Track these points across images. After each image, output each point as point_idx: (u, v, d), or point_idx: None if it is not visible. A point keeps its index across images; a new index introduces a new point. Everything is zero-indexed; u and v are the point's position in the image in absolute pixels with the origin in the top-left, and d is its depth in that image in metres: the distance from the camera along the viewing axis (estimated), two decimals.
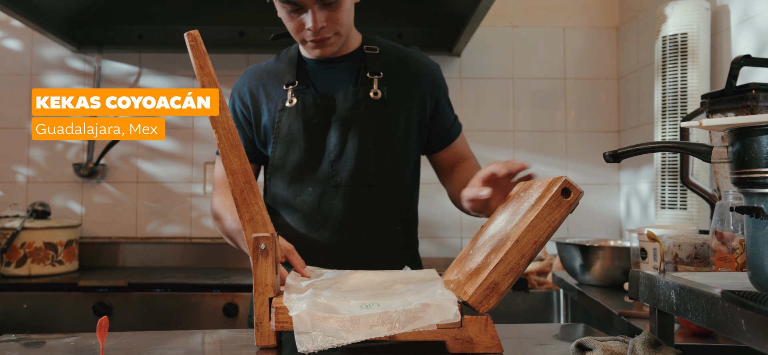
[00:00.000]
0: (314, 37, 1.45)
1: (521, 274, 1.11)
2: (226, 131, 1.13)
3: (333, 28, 1.45)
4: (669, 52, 2.10)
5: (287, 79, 1.55)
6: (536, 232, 1.01)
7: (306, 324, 0.96)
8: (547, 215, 1.01)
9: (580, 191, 1.02)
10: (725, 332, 0.77)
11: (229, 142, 1.12)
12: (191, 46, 1.11)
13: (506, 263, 1.01)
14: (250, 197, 1.10)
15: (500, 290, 1.03)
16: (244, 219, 1.09)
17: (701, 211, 2.00)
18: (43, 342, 1.13)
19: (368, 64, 1.55)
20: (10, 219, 2.53)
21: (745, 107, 1.42)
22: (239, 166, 1.11)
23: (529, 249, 1.01)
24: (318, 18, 1.41)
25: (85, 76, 2.90)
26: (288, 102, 1.51)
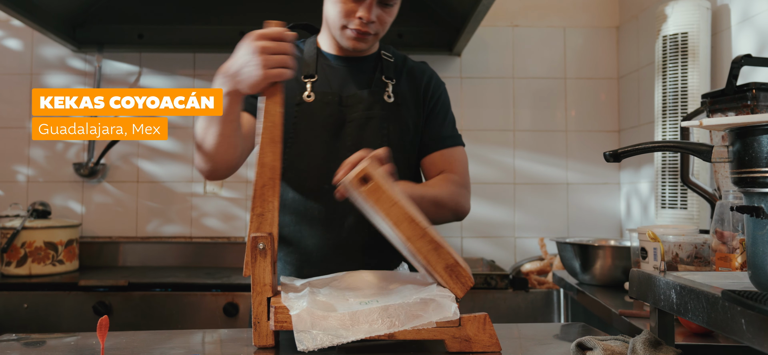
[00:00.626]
0: (360, 28, 1.46)
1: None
2: (271, 125, 1.14)
3: (377, 28, 1.48)
4: (669, 52, 2.10)
5: (306, 70, 1.54)
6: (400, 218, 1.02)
7: (306, 323, 0.96)
8: (385, 206, 1.01)
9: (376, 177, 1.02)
10: (725, 331, 0.77)
11: (271, 135, 1.13)
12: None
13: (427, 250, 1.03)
14: (270, 194, 1.10)
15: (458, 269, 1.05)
16: (254, 212, 1.09)
17: (701, 210, 2.00)
18: (43, 342, 1.13)
19: (384, 68, 1.58)
20: (11, 219, 2.53)
21: (746, 107, 1.42)
22: (271, 161, 1.12)
23: (414, 228, 1.03)
24: (373, 12, 1.45)
25: (86, 76, 2.90)
26: (306, 96, 1.50)
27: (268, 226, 1.09)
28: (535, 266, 2.60)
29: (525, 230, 2.90)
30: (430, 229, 1.04)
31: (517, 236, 2.90)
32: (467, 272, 1.04)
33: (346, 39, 1.51)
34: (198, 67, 2.92)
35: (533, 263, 2.63)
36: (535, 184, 2.91)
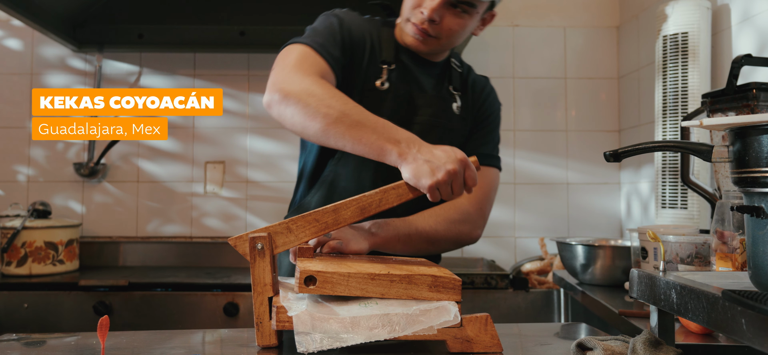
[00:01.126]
0: (420, 23, 1.37)
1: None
2: (377, 203, 1.12)
3: (439, 31, 1.37)
4: (670, 52, 2.10)
5: (385, 55, 1.43)
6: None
7: (306, 324, 0.96)
8: (341, 289, 1.01)
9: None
10: (726, 331, 0.77)
11: (366, 207, 1.11)
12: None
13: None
14: (312, 229, 1.10)
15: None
16: (285, 223, 1.08)
17: (702, 210, 2.00)
18: (43, 341, 1.13)
19: (452, 78, 1.51)
20: (11, 218, 2.53)
21: (746, 107, 1.42)
22: (343, 218, 1.11)
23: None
24: (437, 11, 1.33)
25: (86, 76, 2.90)
26: (381, 83, 1.40)
27: (281, 241, 1.08)
28: (536, 265, 2.60)
29: (525, 230, 2.90)
30: (394, 269, 1.03)
31: (518, 235, 2.90)
32: (449, 274, 1.04)
33: (407, 32, 1.42)
34: (198, 66, 2.92)
35: (533, 262, 2.63)
36: (535, 184, 2.91)
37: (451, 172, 1.10)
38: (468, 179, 1.13)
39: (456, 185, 1.12)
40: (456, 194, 1.13)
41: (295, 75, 1.25)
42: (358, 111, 1.19)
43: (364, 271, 1.01)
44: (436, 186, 1.10)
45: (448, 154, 1.13)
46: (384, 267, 1.05)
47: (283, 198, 2.91)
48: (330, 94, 1.20)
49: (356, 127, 1.16)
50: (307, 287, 0.99)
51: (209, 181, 2.89)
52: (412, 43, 1.42)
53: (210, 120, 2.91)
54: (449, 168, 1.10)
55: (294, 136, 2.92)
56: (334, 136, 1.18)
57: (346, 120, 1.17)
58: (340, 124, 1.17)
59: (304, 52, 1.32)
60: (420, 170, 1.11)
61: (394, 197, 1.14)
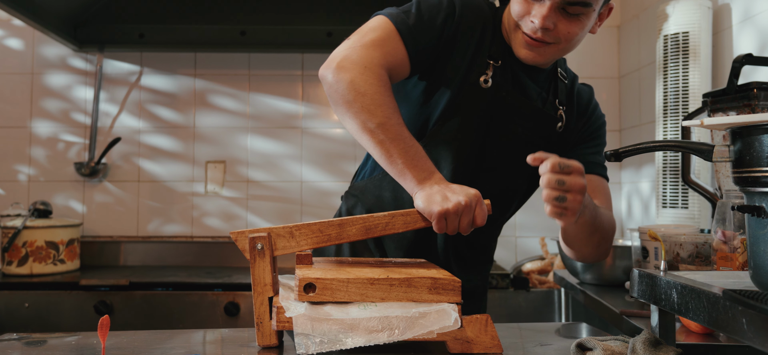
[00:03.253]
0: (532, 34, 1.22)
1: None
2: (382, 226, 1.12)
3: (556, 37, 1.22)
4: (670, 51, 2.09)
5: (493, 50, 1.29)
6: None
7: (306, 326, 0.96)
8: (342, 294, 1.01)
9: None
10: (727, 331, 0.77)
11: (371, 228, 1.11)
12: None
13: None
14: (315, 239, 1.10)
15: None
16: (288, 227, 1.09)
17: (703, 210, 2.00)
18: (44, 341, 1.13)
19: (558, 90, 1.37)
20: (12, 218, 2.53)
21: (747, 106, 1.42)
22: (347, 235, 1.11)
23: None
24: (549, 18, 1.19)
25: (87, 76, 2.90)
26: (484, 81, 1.27)
27: (282, 245, 1.08)
28: (536, 265, 2.60)
29: (526, 230, 2.90)
30: (393, 273, 1.03)
31: (518, 235, 2.90)
32: (448, 276, 1.03)
33: (517, 45, 1.27)
34: (199, 66, 2.93)
35: (534, 262, 2.63)
36: None
37: (462, 204, 1.08)
38: (477, 216, 1.10)
39: (465, 218, 1.09)
40: (463, 227, 1.10)
41: (361, 60, 1.17)
42: (398, 128, 1.15)
43: (363, 276, 1.01)
44: (444, 214, 1.08)
45: (464, 189, 1.11)
46: (383, 271, 1.05)
47: (284, 198, 2.91)
48: (378, 100, 1.14)
49: (388, 143, 1.14)
50: (307, 294, 0.99)
51: (210, 180, 2.89)
52: (524, 55, 1.27)
53: (211, 119, 2.91)
54: (462, 200, 1.08)
55: (294, 135, 2.92)
56: (365, 142, 1.16)
57: (380, 133, 1.14)
58: (374, 135, 1.14)
59: (387, 34, 1.22)
60: (432, 197, 1.09)
61: (401, 224, 1.14)
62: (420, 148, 1.16)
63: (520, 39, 1.26)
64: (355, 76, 1.15)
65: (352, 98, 1.14)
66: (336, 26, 2.65)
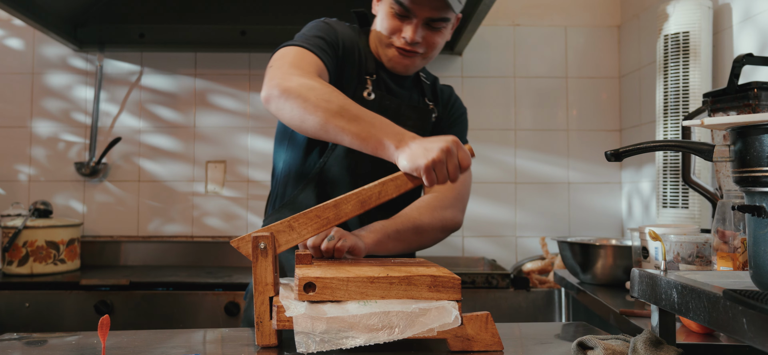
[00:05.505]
0: (404, 47, 1.42)
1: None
2: (376, 194, 1.13)
3: (423, 47, 1.43)
4: (671, 51, 2.09)
5: (370, 66, 1.48)
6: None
7: (306, 325, 0.96)
8: (342, 293, 1.02)
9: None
10: (727, 331, 0.77)
11: (366, 199, 1.13)
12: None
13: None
14: (313, 227, 1.10)
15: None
16: (290, 221, 1.09)
17: (703, 210, 2.00)
18: (44, 341, 1.13)
19: (424, 90, 1.57)
20: (12, 218, 2.53)
21: (747, 106, 1.42)
22: (344, 213, 1.12)
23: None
24: (418, 32, 1.39)
25: (87, 75, 2.90)
26: (367, 94, 1.44)
27: (284, 239, 1.09)
28: (537, 265, 2.59)
29: (526, 230, 2.90)
30: (393, 271, 1.03)
31: (519, 235, 2.90)
32: (448, 273, 1.04)
33: (389, 58, 1.46)
34: (199, 66, 2.93)
35: (534, 262, 2.63)
36: (536, 183, 2.91)
37: (444, 149, 1.12)
38: (462, 160, 1.15)
39: (451, 164, 1.13)
40: (452, 174, 1.14)
41: (294, 72, 1.28)
42: (356, 106, 1.21)
43: (362, 275, 1.01)
44: (431, 166, 1.11)
45: (440, 138, 1.15)
46: (383, 270, 1.05)
47: None
48: (328, 90, 1.23)
49: (355, 121, 1.18)
50: (307, 293, 0.99)
51: (210, 180, 2.89)
52: (396, 65, 1.45)
53: (211, 119, 2.91)
54: (442, 147, 1.12)
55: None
56: (333, 129, 1.19)
57: (345, 114, 1.19)
58: (339, 118, 1.18)
59: (301, 52, 1.35)
60: (415, 154, 1.13)
61: (393, 189, 1.15)
62: (382, 118, 1.21)
63: (393, 52, 1.44)
64: (298, 82, 1.24)
65: (305, 96, 1.21)
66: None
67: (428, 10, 1.37)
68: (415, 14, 1.38)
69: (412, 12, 1.38)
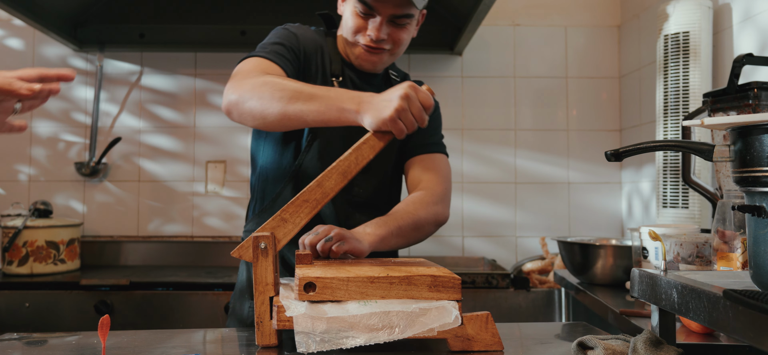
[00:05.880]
0: (370, 45, 1.44)
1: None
2: (354, 162, 1.14)
3: (389, 43, 1.45)
4: (671, 51, 2.09)
5: (334, 69, 1.51)
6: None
7: (306, 324, 0.96)
8: (342, 293, 1.02)
9: None
10: (727, 331, 0.77)
11: (345, 170, 1.13)
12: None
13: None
14: (305, 212, 1.11)
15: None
16: (281, 214, 1.09)
17: (703, 210, 2.00)
18: (44, 341, 1.13)
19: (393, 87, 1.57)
20: (12, 218, 2.53)
21: (747, 106, 1.42)
22: (330, 187, 1.12)
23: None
24: (383, 30, 1.42)
25: (87, 76, 2.90)
26: None
27: (282, 233, 1.09)
28: (537, 265, 2.60)
29: (526, 230, 2.90)
30: (393, 271, 1.03)
31: (519, 235, 2.90)
32: (448, 273, 1.04)
33: (356, 56, 1.49)
34: (199, 66, 2.93)
35: (534, 262, 2.63)
36: (536, 183, 2.91)
37: (403, 96, 1.13)
38: (424, 101, 1.16)
39: (414, 108, 1.14)
40: (418, 117, 1.16)
41: (252, 74, 1.32)
42: (311, 87, 1.25)
43: (363, 274, 1.01)
44: (396, 116, 1.13)
45: (396, 87, 1.17)
46: (383, 270, 1.05)
47: None
48: (280, 81, 1.27)
49: (312, 99, 1.21)
50: (307, 293, 0.99)
51: (210, 180, 2.89)
52: (364, 63, 1.48)
53: (211, 119, 2.91)
54: (401, 94, 1.14)
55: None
56: (293, 114, 1.22)
57: (301, 96, 1.22)
58: (296, 102, 1.22)
59: (259, 62, 1.39)
60: (377, 109, 1.15)
61: (368, 150, 1.15)
62: (337, 89, 1.26)
63: (360, 50, 1.46)
64: (250, 83, 1.28)
65: (261, 92, 1.25)
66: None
67: (392, 7, 1.40)
68: (379, 12, 1.40)
69: (376, 10, 1.40)
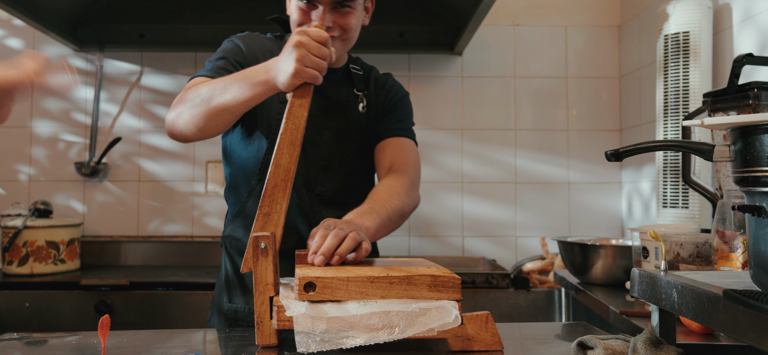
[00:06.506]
0: None
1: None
2: (294, 127, 1.14)
3: (337, 30, 1.45)
4: (671, 51, 2.09)
5: None
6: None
7: (306, 324, 0.96)
8: (342, 292, 1.02)
9: None
10: (727, 331, 0.77)
11: (291, 138, 1.13)
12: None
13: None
14: (280, 195, 1.11)
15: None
16: (261, 210, 1.10)
17: (703, 210, 2.00)
18: (44, 341, 1.13)
19: (354, 81, 1.59)
20: (12, 218, 2.53)
21: (747, 106, 1.42)
22: (287, 163, 1.12)
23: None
24: (327, 18, 1.42)
25: (87, 76, 2.90)
26: (287, 95, 1.49)
27: (273, 226, 1.09)
28: (537, 265, 2.59)
29: (526, 230, 2.90)
30: (393, 271, 1.03)
31: (519, 235, 2.90)
32: (448, 273, 1.04)
33: None
34: (199, 66, 2.93)
35: (534, 262, 2.63)
36: (536, 183, 2.91)
37: (297, 44, 1.16)
38: (316, 37, 1.18)
39: (312, 49, 1.17)
40: (319, 54, 1.17)
41: (186, 92, 1.38)
42: (225, 78, 1.29)
43: (363, 274, 1.01)
44: (300, 64, 1.16)
45: (288, 41, 1.19)
46: (383, 270, 1.05)
47: None
48: (199, 87, 1.33)
49: (228, 88, 1.27)
50: (307, 293, 0.99)
51: (210, 180, 2.89)
52: None
53: None
54: (294, 42, 1.17)
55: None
56: (216, 108, 1.28)
57: (216, 90, 1.28)
58: (216, 97, 1.28)
59: (197, 81, 1.42)
60: (282, 69, 1.18)
61: (299, 109, 1.16)
62: (248, 68, 1.29)
63: None
64: (180, 97, 1.37)
65: (190, 100, 1.32)
66: None
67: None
68: (320, 1, 1.42)
69: (316, 0, 1.42)
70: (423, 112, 2.86)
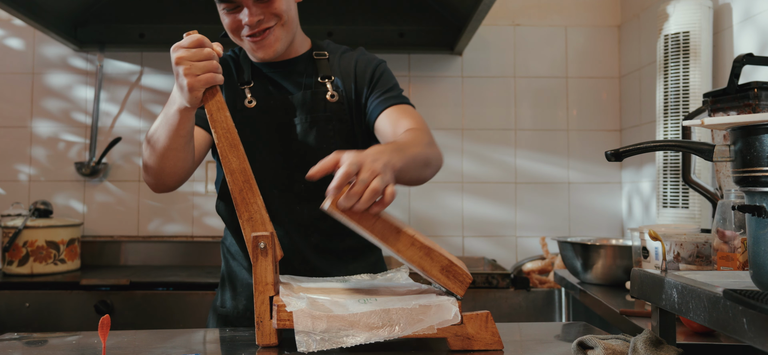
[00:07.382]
0: (253, 32, 1.39)
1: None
2: (224, 131, 1.14)
3: (271, 20, 1.39)
4: (671, 51, 2.09)
5: (245, 77, 1.48)
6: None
7: (306, 323, 0.96)
8: (368, 225, 1.02)
9: None
10: (727, 331, 0.77)
11: (228, 141, 1.13)
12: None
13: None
14: (250, 196, 1.10)
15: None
16: (243, 218, 1.09)
17: (703, 210, 2.00)
18: (45, 341, 1.13)
19: (319, 68, 1.50)
20: (13, 218, 2.53)
21: (747, 106, 1.42)
22: (238, 165, 1.12)
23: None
24: (254, 12, 1.37)
25: (87, 75, 2.90)
26: (248, 102, 1.45)
27: (261, 225, 1.09)
28: (537, 265, 2.59)
29: (526, 229, 2.90)
30: (417, 235, 1.03)
31: (519, 235, 2.90)
32: (464, 269, 1.04)
33: (252, 52, 1.44)
34: None
35: (535, 262, 2.63)
36: (536, 183, 2.91)
37: (177, 60, 1.17)
38: (189, 44, 1.18)
39: (191, 55, 1.17)
40: (203, 56, 1.17)
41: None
42: (157, 119, 1.30)
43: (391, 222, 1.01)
44: (189, 77, 1.15)
45: (172, 53, 1.21)
46: (409, 229, 1.04)
47: None
48: (145, 143, 1.34)
49: (159, 126, 1.28)
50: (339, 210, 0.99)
51: (210, 180, 2.89)
52: (261, 56, 1.43)
53: None
54: (174, 59, 1.18)
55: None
56: (160, 149, 1.29)
57: (154, 137, 1.30)
58: (154, 138, 1.29)
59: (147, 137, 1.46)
60: (178, 88, 1.19)
61: (218, 113, 1.15)
62: (164, 107, 1.29)
63: (250, 44, 1.42)
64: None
65: (148, 141, 1.33)
66: (337, 26, 2.66)
67: None
68: (242, 1, 1.37)
69: (236, 1, 1.38)
70: (423, 112, 2.85)
